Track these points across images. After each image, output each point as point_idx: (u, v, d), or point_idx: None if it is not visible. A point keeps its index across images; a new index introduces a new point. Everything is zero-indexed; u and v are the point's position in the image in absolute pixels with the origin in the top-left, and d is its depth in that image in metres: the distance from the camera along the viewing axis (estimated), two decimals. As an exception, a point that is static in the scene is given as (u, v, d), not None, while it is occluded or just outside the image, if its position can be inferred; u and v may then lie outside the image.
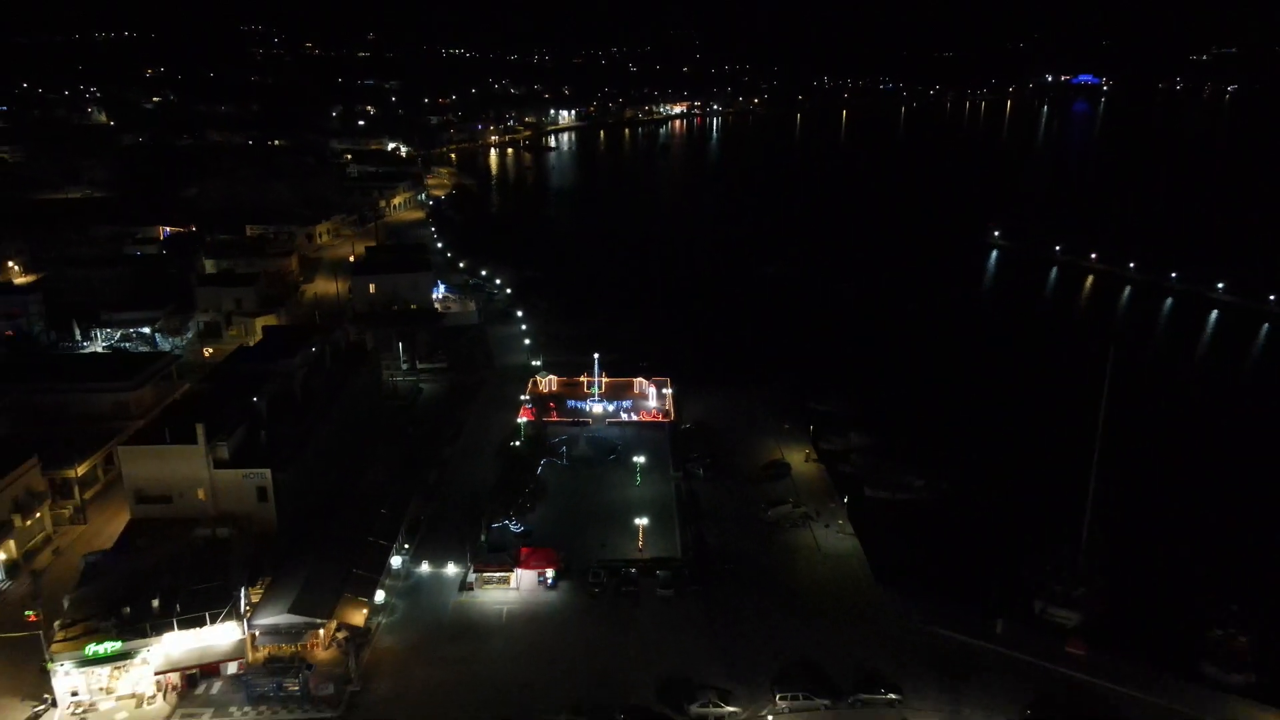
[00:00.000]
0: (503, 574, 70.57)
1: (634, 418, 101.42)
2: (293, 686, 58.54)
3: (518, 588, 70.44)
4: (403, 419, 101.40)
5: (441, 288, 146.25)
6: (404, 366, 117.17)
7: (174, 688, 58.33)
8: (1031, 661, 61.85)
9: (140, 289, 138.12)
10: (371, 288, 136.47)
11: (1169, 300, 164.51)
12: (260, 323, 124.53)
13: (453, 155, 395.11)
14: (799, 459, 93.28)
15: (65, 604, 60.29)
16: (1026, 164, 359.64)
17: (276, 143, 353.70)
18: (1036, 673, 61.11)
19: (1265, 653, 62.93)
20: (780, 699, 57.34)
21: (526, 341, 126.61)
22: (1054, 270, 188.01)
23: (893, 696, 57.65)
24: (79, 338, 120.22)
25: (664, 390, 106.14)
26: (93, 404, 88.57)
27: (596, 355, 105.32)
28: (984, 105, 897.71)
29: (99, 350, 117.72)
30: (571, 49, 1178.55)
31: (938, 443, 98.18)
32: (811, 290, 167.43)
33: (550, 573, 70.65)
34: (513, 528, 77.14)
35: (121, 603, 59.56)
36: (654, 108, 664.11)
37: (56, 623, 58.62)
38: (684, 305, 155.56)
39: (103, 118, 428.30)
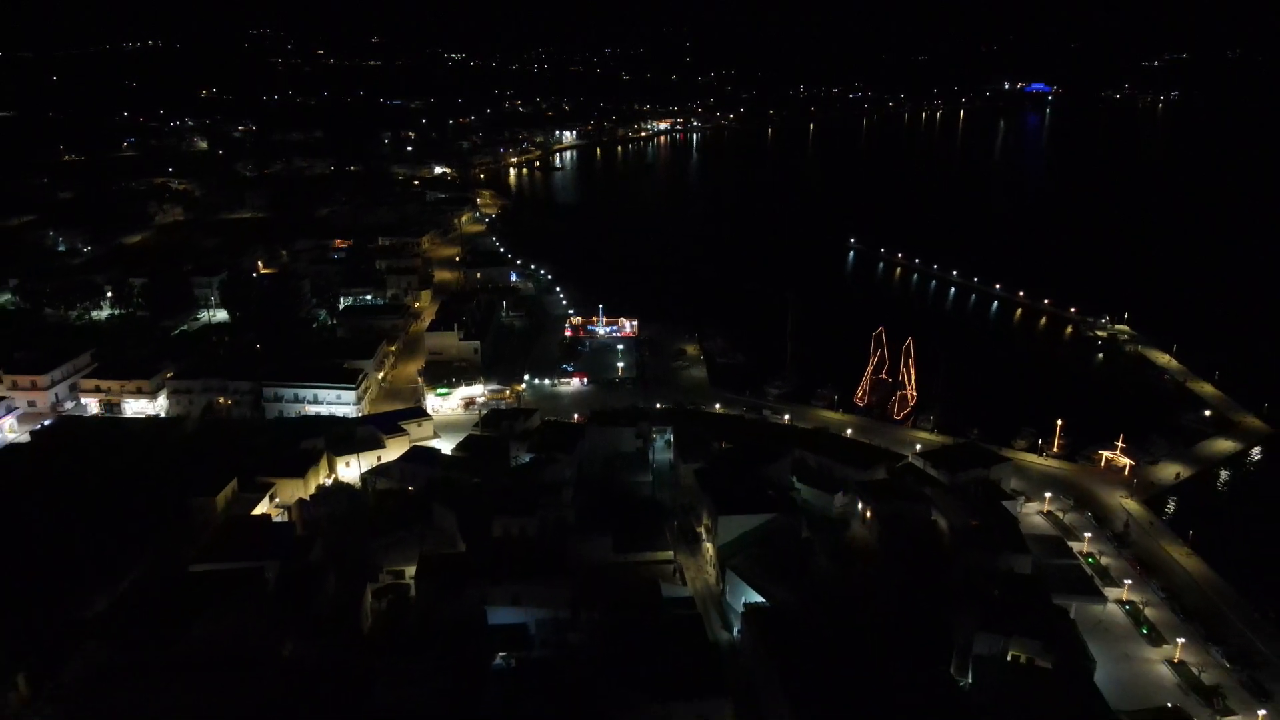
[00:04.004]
0: (566, 380, 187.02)
1: (618, 334, 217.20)
2: (502, 406, 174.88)
3: (571, 386, 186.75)
4: (512, 338, 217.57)
5: (513, 275, 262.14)
6: (504, 315, 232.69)
7: (465, 406, 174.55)
8: (754, 401, 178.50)
9: (349, 276, 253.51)
10: (478, 275, 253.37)
11: (933, 282, 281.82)
12: (424, 294, 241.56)
13: (482, 175, 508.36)
14: (693, 350, 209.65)
15: (420, 381, 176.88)
16: (913, 179, 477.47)
17: (352, 169, 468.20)
18: (755, 405, 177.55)
19: (841, 401, 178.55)
20: (660, 405, 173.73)
21: (564, 301, 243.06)
22: (880, 265, 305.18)
23: (704, 406, 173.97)
24: (335, 302, 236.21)
25: (633, 322, 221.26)
26: (384, 324, 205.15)
27: (600, 305, 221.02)
28: (939, 116, 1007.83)
29: (356, 301, 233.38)
30: (569, 55, 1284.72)
31: (755, 340, 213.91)
32: (720, 275, 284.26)
33: (584, 380, 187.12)
34: (570, 368, 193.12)
35: (442, 379, 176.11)
36: (642, 125, 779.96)
37: (421, 380, 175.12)
38: (647, 279, 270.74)
39: (204, 145, 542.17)
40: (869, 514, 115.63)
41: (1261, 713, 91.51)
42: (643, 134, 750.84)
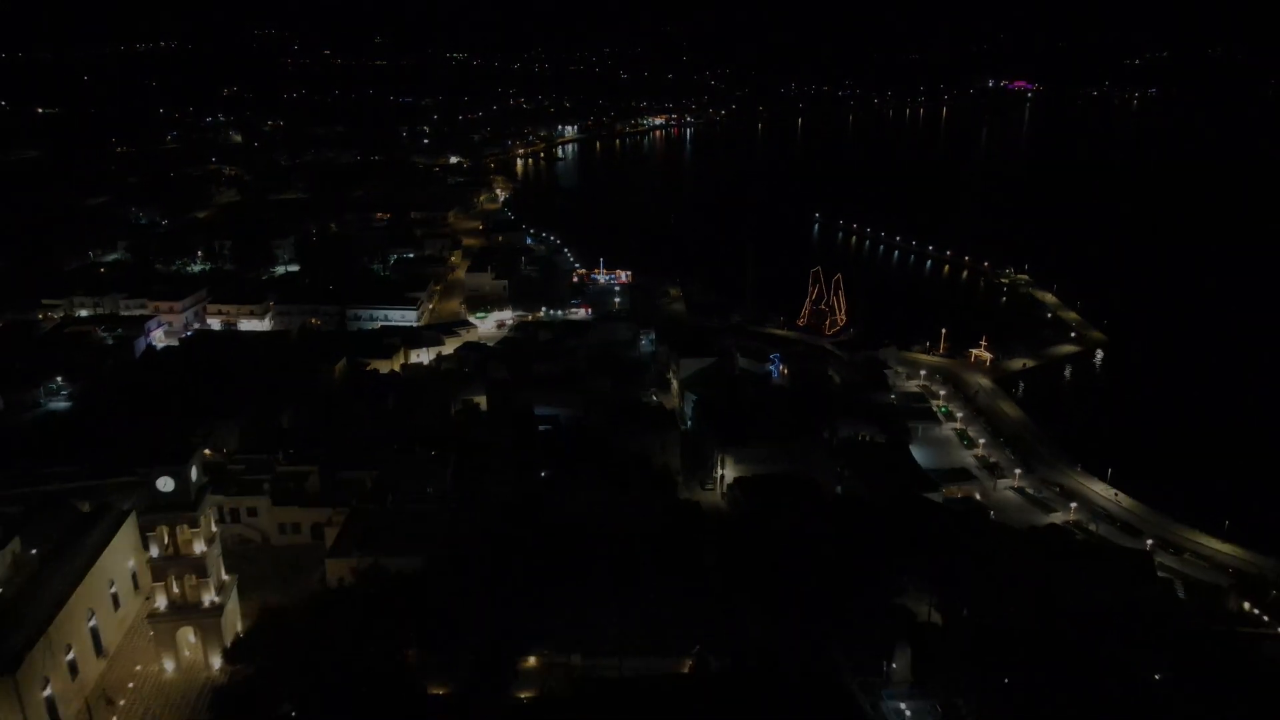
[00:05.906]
0: (575, 310, 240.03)
1: (615, 282, 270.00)
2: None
3: (579, 315, 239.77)
4: (530, 284, 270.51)
5: (528, 239, 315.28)
6: (522, 267, 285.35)
7: (498, 326, 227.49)
8: (721, 322, 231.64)
9: (391, 239, 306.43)
10: (500, 238, 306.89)
11: (880, 246, 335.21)
12: (456, 253, 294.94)
13: (492, 165, 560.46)
14: (675, 292, 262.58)
15: (462, 309, 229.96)
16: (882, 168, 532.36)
17: (376, 158, 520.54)
18: (719, 324, 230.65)
19: (786, 323, 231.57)
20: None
21: (572, 259, 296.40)
22: (839, 233, 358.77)
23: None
24: (385, 257, 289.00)
25: (628, 273, 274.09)
26: (428, 271, 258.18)
27: (601, 259, 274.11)
28: (921, 113, 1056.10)
29: (400, 258, 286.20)
30: (569, 54, 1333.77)
31: (725, 284, 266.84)
32: (701, 238, 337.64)
33: (589, 311, 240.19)
34: (577, 301, 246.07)
35: (480, 307, 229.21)
36: (639, 120, 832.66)
37: (463, 308, 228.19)
38: (640, 242, 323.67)
39: (239, 138, 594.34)
40: (785, 371, 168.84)
41: (1018, 471, 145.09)
42: (639, 129, 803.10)
